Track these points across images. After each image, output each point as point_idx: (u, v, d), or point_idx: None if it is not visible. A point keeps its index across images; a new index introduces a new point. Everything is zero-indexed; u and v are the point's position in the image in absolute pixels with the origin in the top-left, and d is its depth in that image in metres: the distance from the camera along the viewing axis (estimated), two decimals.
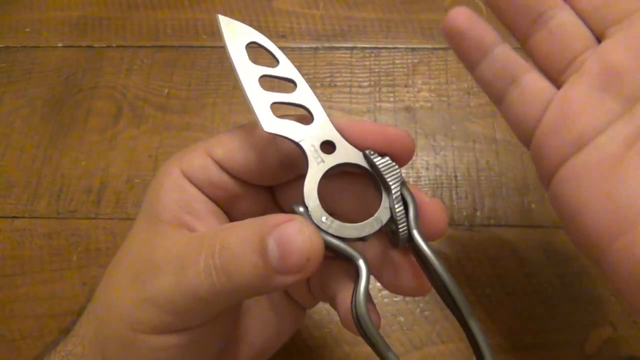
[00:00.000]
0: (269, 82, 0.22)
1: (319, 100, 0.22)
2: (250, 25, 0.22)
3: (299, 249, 0.18)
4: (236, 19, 0.22)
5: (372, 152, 0.21)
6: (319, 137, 0.21)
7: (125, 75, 0.44)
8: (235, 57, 0.22)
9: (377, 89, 0.42)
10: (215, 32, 0.45)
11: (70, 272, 0.37)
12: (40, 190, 0.40)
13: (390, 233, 0.21)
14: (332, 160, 0.21)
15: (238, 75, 0.21)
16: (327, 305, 0.25)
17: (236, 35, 0.22)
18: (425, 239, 0.20)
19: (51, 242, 0.38)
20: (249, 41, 0.22)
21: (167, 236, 0.20)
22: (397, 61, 0.44)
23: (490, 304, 0.34)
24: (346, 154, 0.21)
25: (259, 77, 0.21)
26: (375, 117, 0.41)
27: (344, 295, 0.22)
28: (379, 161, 0.21)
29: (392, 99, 0.42)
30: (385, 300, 0.23)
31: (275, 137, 0.21)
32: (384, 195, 0.21)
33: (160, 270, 0.19)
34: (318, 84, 0.43)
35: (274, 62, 0.22)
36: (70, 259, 0.37)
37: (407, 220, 0.20)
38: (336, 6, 0.46)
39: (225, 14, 0.22)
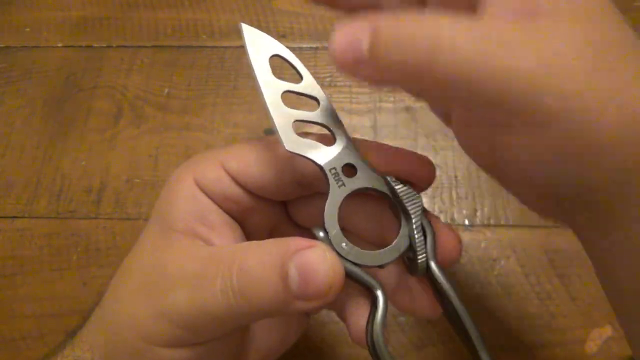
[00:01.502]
0: (290, 97, 0.21)
1: (342, 119, 0.21)
2: (250, 25, 0.22)
3: (321, 277, 0.18)
4: (236, 19, 0.22)
5: (393, 179, 0.21)
6: (341, 159, 0.21)
7: (125, 75, 0.44)
8: (258, 70, 0.21)
9: (378, 89, 0.42)
10: (215, 32, 0.45)
11: (70, 272, 0.37)
12: (40, 190, 0.40)
13: (407, 260, 0.21)
14: (353, 184, 0.20)
15: (261, 89, 0.21)
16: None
17: (260, 46, 0.21)
18: (442, 269, 0.20)
19: (51, 242, 0.38)
20: (272, 54, 0.21)
21: (181, 248, 0.20)
22: None
23: (490, 304, 0.34)
24: (368, 178, 0.21)
25: (282, 92, 0.21)
26: (376, 117, 0.41)
27: (354, 310, 0.22)
28: (400, 189, 0.20)
29: (392, 99, 0.42)
30: None
31: (294, 156, 0.20)
32: (403, 223, 0.21)
33: (175, 286, 0.19)
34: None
35: (298, 77, 0.22)
36: (70, 259, 0.37)
37: (426, 251, 0.20)
38: None
39: (225, 14, 0.22)
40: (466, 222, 0.37)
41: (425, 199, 0.38)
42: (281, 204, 0.24)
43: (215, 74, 0.44)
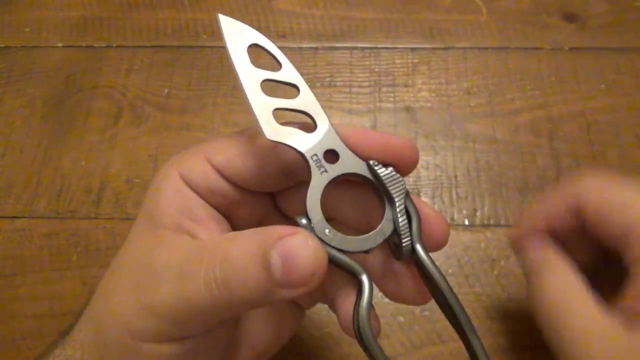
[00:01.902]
0: (270, 85, 0.21)
1: (322, 105, 0.21)
2: (250, 25, 0.22)
3: (303, 264, 0.17)
4: (236, 19, 0.22)
5: (376, 163, 0.20)
6: (322, 145, 0.20)
7: (125, 75, 0.44)
8: (237, 59, 0.21)
9: (377, 89, 0.42)
10: (215, 32, 0.45)
11: (70, 272, 0.37)
12: (40, 190, 0.40)
13: (392, 245, 0.21)
14: (335, 170, 0.20)
15: (239, 79, 0.21)
16: (326, 306, 0.25)
17: (238, 36, 0.21)
18: (428, 253, 0.20)
19: (51, 242, 0.38)
20: (250, 43, 0.21)
21: (168, 242, 0.20)
22: (397, 61, 0.44)
23: (490, 304, 0.34)
24: (350, 163, 0.21)
25: (261, 81, 0.21)
26: (376, 117, 0.41)
27: (343, 299, 0.22)
28: (382, 172, 0.20)
29: (392, 99, 0.42)
30: (385, 300, 0.23)
31: (277, 145, 0.20)
32: (387, 207, 0.20)
33: (161, 279, 0.19)
34: (318, 84, 0.43)
35: (276, 65, 0.22)
36: (70, 259, 0.37)
37: (411, 234, 0.20)
38: (336, 6, 0.46)
39: (225, 14, 0.22)
40: (466, 222, 0.37)
41: (425, 199, 0.38)
42: (269, 196, 0.24)
43: (215, 74, 0.44)
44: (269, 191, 0.23)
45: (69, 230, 0.38)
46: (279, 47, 0.22)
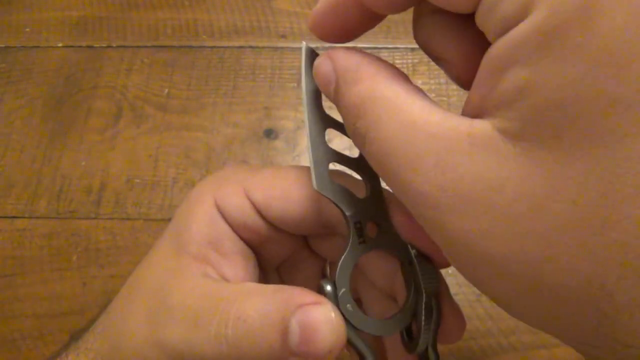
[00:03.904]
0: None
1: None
2: (250, 25, 0.22)
3: (323, 339, 0.17)
4: (236, 18, 0.21)
5: (416, 253, 0.20)
6: (367, 213, 0.19)
7: (125, 75, 0.44)
8: (310, 98, 0.19)
9: None
10: (215, 32, 0.45)
11: (70, 272, 0.37)
12: (40, 190, 0.40)
13: (405, 335, 0.20)
14: (374, 243, 0.19)
15: (307, 120, 0.19)
16: None
17: None
18: (439, 357, 0.20)
19: (51, 242, 0.38)
20: None
21: (188, 275, 0.20)
22: (397, 61, 0.44)
23: (490, 304, 0.34)
24: (390, 241, 0.20)
25: (327, 128, 0.20)
26: None
27: None
28: (421, 265, 0.19)
29: None
30: None
31: (322, 197, 0.20)
32: (413, 295, 0.20)
33: (174, 318, 0.19)
34: None
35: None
36: (70, 259, 0.37)
37: (428, 336, 0.19)
38: None
39: (225, 14, 0.21)
40: None
41: None
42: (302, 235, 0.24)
43: (215, 74, 0.44)
44: (304, 234, 0.23)
45: (69, 230, 0.38)
46: (279, 47, 0.22)
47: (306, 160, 0.40)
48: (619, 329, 0.12)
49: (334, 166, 0.19)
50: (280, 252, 0.23)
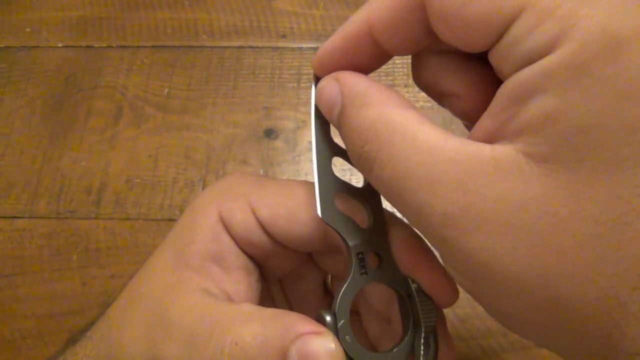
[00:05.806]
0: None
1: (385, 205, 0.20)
2: (250, 25, 0.22)
3: None
4: (236, 18, 0.21)
5: (417, 287, 0.20)
6: (370, 245, 0.20)
7: (125, 75, 0.44)
8: (318, 127, 0.20)
9: None
10: (216, 32, 0.45)
11: (70, 272, 0.37)
12: (40, 190, 0.40)
13: None
14: (374, 275, 0.19)
15: (314, 148, 0.19)
16: None
17: None
18: None
19: (51, 242, 0.38)
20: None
21: (188, 291, 0.20)
22: (397, 61, 0.44)
23: None
24: (391, 275, 0.20)
25: (334, 157, 0.20)
26: None
27: None
28: (421, 300, 0.19)
29: None
30: None
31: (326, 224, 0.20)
32: (411, 330, 0.20)
33: (170, 337, 0.19)
34: None
35: None
36: (70, 259, 0.37)
37: None
38: (336, 6, 0.46)
39: (225, 14, 0.21)
40: None
41: None
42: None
43: (215, 74, 0.44)
44: (308, 251, 0.23)
45: (69, 230, 0.38)
46: (279, 47, 0.22)
47: (306, 160, 0.40)
48: (627, 338, 0.13)
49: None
50: (283, 266, 0.23)
